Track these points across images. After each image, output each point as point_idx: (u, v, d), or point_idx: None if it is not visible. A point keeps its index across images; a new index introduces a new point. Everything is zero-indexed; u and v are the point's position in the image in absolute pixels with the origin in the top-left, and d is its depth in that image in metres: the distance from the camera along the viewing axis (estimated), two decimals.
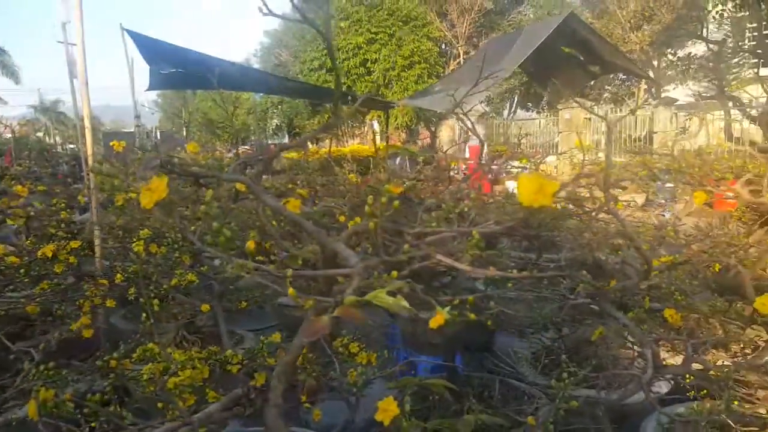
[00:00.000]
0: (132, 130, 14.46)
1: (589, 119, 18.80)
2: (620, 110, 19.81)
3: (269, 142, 25.32)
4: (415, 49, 20.80)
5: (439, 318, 0.77)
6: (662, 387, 2.51)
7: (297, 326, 1.76)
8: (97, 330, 2.68)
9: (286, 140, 25.54)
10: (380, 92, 20.70)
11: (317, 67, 20.97)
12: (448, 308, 0.78)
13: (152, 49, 8.74)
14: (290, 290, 0.79)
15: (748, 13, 12.86)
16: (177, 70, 9.07)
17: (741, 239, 2.69)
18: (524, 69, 17.47)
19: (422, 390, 2.42)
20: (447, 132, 22.62)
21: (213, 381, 1.59)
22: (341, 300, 0.72)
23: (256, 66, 23.77)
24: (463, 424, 1.11)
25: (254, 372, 1.43)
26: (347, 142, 26.60)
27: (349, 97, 16.23)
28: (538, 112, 23.24)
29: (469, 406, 1.35)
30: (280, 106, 24.59)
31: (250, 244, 0.86)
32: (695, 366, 2.02)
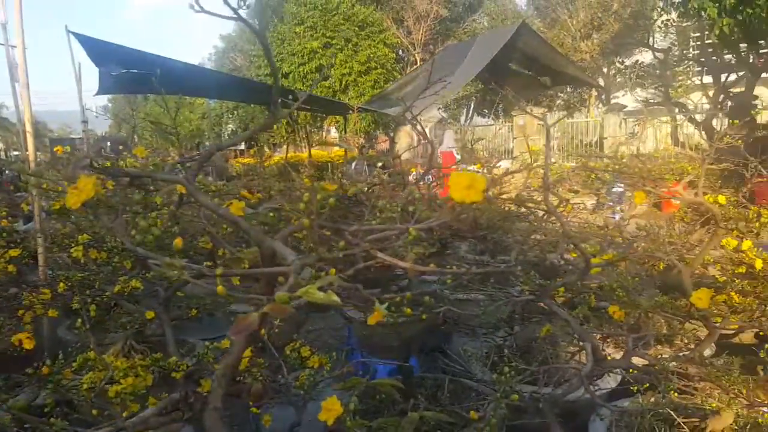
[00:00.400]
0: (80, 135, 14.00)
1: (542, 125, 19.09)
2: (573, 117, 20.39)
3: None
4: (371, 55, 20.87)
5: (377, 315, 0.77)
6: (610, 382, 2.58)
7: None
8: (40, 341, 2.58)
9: (242, 146, 25.21)
10: (337, 97, 20.68)
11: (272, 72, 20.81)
12: (385, 305, 0.78)
13: (101, 52, 8.49)
14: (219, 288, 0.78)
15: (692, 22, 13.38)
16: (128, 71, 8.83)
17: (682, 238, 2.79)
18: (479, 77, 17.79)
19: (376, 393, 2.43)
20: (405, 138, 22.68)
21: (161, 389, 1.56)
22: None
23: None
24: (407, 422, 1.12)
25: (200, 378, 1.40)
26: (305, 148, 26.43)
27: (291, 98, 16.10)
28: (494, 119, 23.64)
29: (414, 405, 1.36)
30: (235, 111, 24.28)
31: (177, 242, 0.84)
32: (639, 361, 2.09)
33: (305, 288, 0.68)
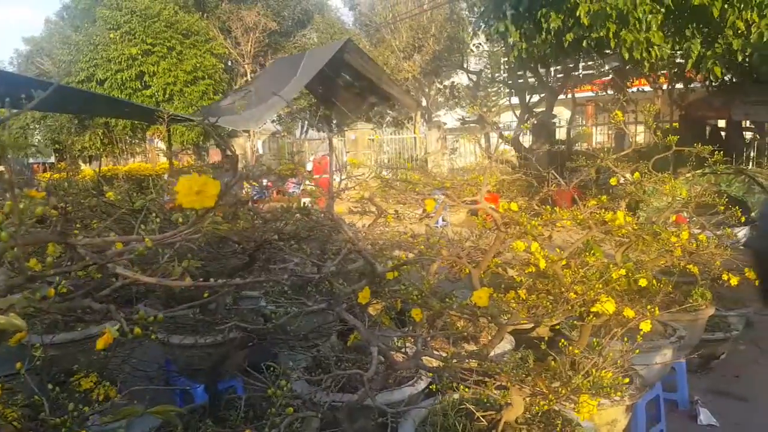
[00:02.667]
0: None
1: (373, 140, 20.05)
2: (400, 132, 21.46)
3: (31, 161, 22.29)
4: (198, 65, 20.05)
5: (107, 337, 0.68)
6: (422, 383, 2.68)
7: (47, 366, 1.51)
8: None
9: (51, 159, 22.70)
10: (161, 107, 19.55)
11: (85, 79, 19.07)
12: (117, 326, 0.69)
13: None
14: None
15: (497, 47, 14.73)
16: None
17: (479, 242, 2.99)
18: (312, 91, 17.97)
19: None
20: (238, 150, 22.28)
21: None
22: None
23: None
24: None
25: None
26: (127, 160, 24.54)
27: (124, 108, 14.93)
28: (329, 133, 23.94)
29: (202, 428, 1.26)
30: (42, 121, 21.79)
31: None
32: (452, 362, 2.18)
33: None
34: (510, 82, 15.68)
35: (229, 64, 23.89)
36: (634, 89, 14.97)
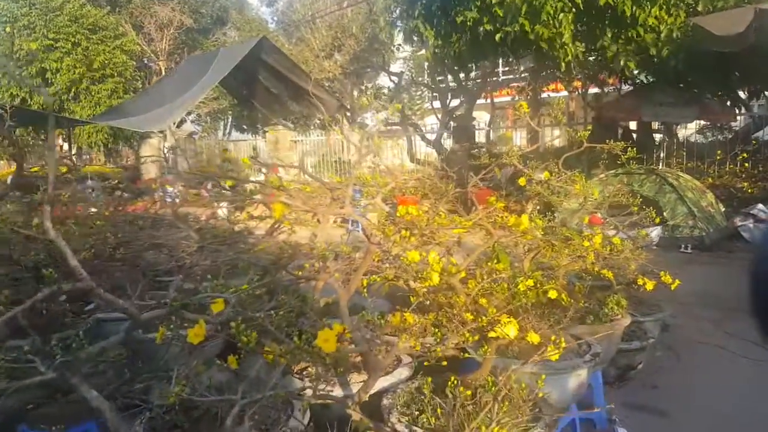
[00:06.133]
0: None
1: (295, 142, 19.50)
2: (327, 134, 20.99)
3: None
4: (106, 62, 18.79)
5: None
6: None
7: None
8: None
9: None
10: (64, 106, 18.18)
11: None
12: None
13: None
14: None
15: (416, 48, 14.52)
16: None
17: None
18: (231, 91, 17.15)
19: None
20: (151, 151, 21.25)
21: None
22: None
23: None
24: None
25: None
26: (36, 163, 22.77)
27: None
28: (254, 134, 23.14)
29: None
30: None
31: None
32: None
33: None
34: (433, 85, 15.53)
35: (145, 61, 22.65)
36: (550, 93, 15.14)
